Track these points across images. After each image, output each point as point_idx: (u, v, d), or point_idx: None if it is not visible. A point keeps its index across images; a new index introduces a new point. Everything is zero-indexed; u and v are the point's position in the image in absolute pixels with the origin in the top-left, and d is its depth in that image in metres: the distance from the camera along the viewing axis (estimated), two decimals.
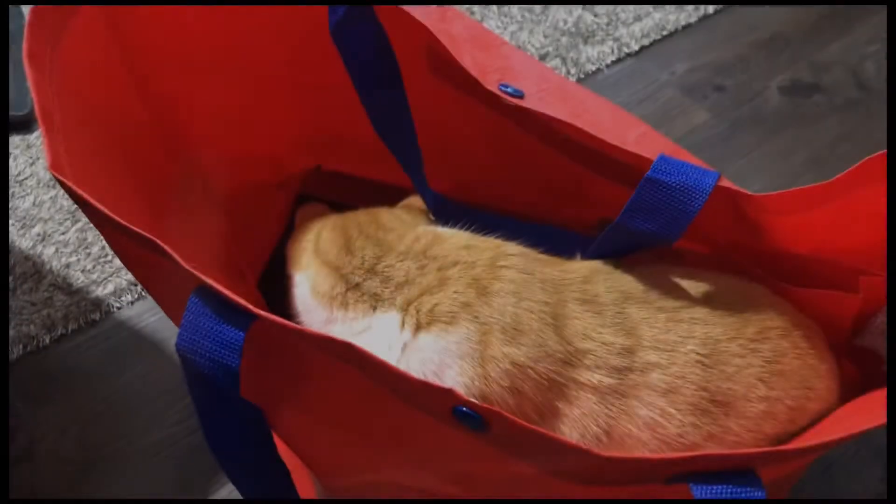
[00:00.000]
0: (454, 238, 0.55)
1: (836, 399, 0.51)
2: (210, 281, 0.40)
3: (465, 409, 0.37)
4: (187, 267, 0.40)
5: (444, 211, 0.66)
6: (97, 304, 0.84)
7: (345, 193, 0.83)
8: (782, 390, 0.48)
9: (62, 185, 0.42)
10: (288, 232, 0.68)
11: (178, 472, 0.72)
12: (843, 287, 0.53)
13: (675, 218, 0.49)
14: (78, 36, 0.50)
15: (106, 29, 0.54)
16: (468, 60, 0.54)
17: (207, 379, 0.40)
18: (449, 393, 0.37)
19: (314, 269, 0.57)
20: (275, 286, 0.63)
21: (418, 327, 0.50)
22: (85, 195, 0.41)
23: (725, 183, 0.49)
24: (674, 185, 0.48)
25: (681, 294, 0.51)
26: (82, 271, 0.86)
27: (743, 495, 0.35)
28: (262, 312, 0.39)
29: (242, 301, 0.39)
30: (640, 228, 0.50)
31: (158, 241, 0.40)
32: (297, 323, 0.58)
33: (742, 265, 0.56)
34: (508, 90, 0.54)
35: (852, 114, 1.07)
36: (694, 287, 0.52)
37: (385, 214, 0.61)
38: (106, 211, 0.41)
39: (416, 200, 0.67)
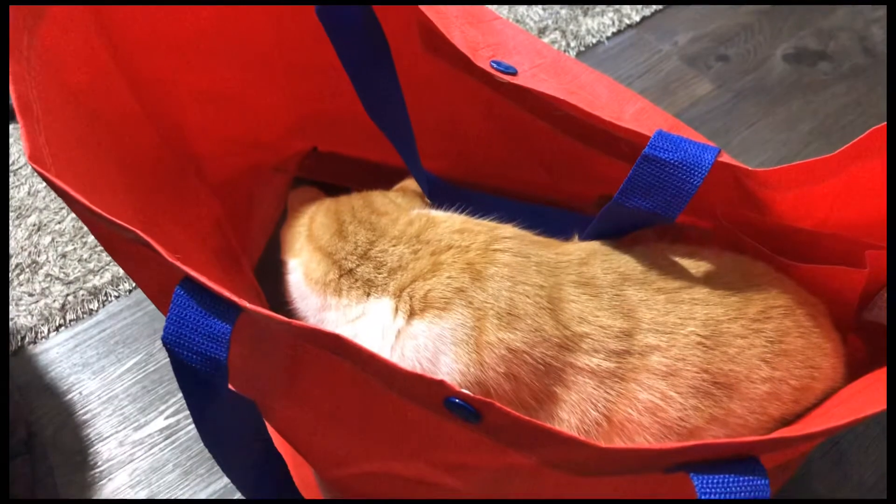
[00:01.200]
0: (448, 221, 0.53)
1: (842, 377, 0.50)
2: (194, 273, 0.39)
3: (457, 400, 0.36)
4: (171, 259, 0.38)
5: (440, 193, 0.65)
6: (94, 293, 0.83)
7: (342, 175, 0.82)
8: (786, 370, 0.47)
9: (42, 177, 0.41)
10: (284, 217, 0.67)
11: (180, 460, 0.72)
12: (849, 262, 0.52)
13: (673, 196, 0.47)
14: (57, 22, 0.49)
15: (87, 13, 0.52)
16: (458, 36, 0.53)
17: (195, 372, 0.40)
18: (440, 385, 0.36)
19: (307, 255, 0.56)
20: (272, 272, 0.62)
21: (412, 314, 0.49)
22: (65, 187, 0.40)
23: (725, 158, 0.48)
24: (672, 162, 0.47)
25: (681, 274, 0.50)
26: (79, 260, 0.85)
27: (745, 485, 0.33)
28: (249, 305, 0.38)
29: (228, 293, 0.38)
30: (638, 207, 0.49)
31: (140, 233, 0.39)
32: (293, 310, 0.57)
33: (744, 242, 0.55)
34: (501, 67, 0.52)
35: (859, 81, 1.05)
36: (694, 266, 0.51)
37: (379, 198, 0.60)
38: (87, 202, 0.40)
39: (411, 183, 0.66)
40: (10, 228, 0.88)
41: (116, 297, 0.83)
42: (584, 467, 0.38)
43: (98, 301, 0.83)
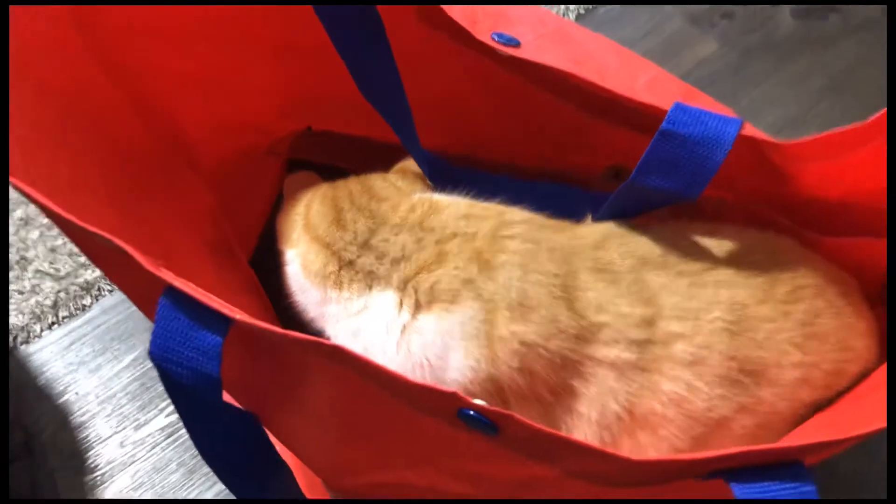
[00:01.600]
0: (452, 207, 0.50)
1: (876, 357, 0.47)
2: (179, 283, 0.36)
3: (472, 412, 0.33)
4: (151, 269, 0.35)
5: (442, 174, 0.61)
6: (87, 288, 0.80)
7: (338, 155, 0.79)
8: (818, 354, 0.44)
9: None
10: (280, 202, 0.64)
11: (183, 459, 0.70)
12: (877, 233, 0.49)
13: (695, 174, 0.44)
14: (27, 13, 0.45)
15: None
16: (456, 8, 0.49)
17: (186, 388, 0.37)
18: (453, 396, 0.33)
19: (304, 246, 0.53)
20: (269, 261, 0.59)
21: (418, 307, 0.46)
22: (31, 190, 0.37)
23: (748, 130, 0.44)
24: (692, 137, 0.43)
25: (702, 255, 0.47)
26: (69, 255, 0.82)
27: (790, 492, 0.31)
28: (239, 315, 0.35)
29: (217, 303, 0.36)
30: (656, 187, 0.45)
31: (116, 240, 0.36)
32: (293, 304, 0.55)
33: (766, 215, 0.52)
34: (502, 39, 0.49)
35: (871, 34, 1.00)
36: (717, 246, 0.48)
37: (378, 182, 0.57)
38: (53, 206, 0.36)
39: (411, 164, 0.63)
40: None
41: (110, 292, 0.80)
42: (611, 478, 0.36)
43: (91, 296, 0.80)
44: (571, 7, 1.03)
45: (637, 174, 0.46)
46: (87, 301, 0.80)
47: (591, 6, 1.04)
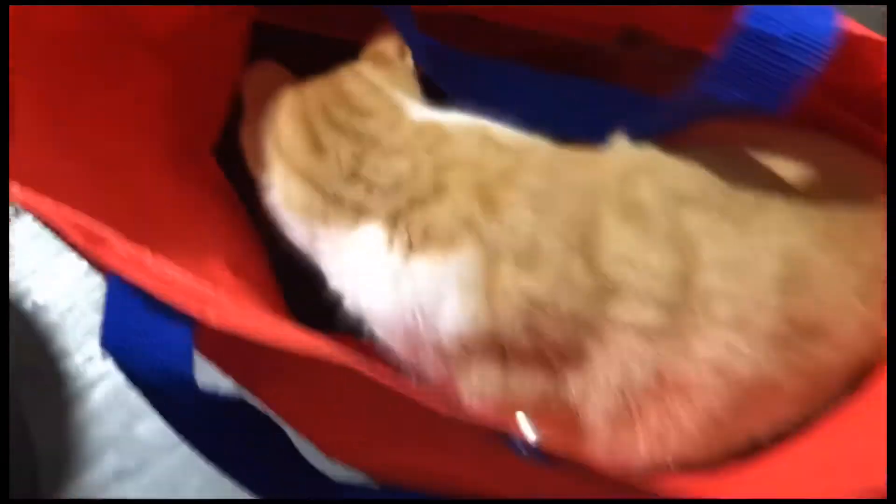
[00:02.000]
0: (466, 138, 0.42)
1: None
2: (127, 270, 0.28)
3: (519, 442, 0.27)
4: (92, 247, 0.28)
5: (435, 61, 0.51)
6: None
7: (319, 15, 0.67)
8: (882, 303, 0.38)
9: None
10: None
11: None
12: None
13: (782, 83, 0.34)
14: None
15: None
16: None
17: (154, 386, 0.31)
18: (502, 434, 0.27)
19: (281, 178, 0.45)
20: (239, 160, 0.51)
21: (410, 249, 0.39)
22: None
23: (846, 24, 0.35)
24: (782, 37, 0.34)
25: (755, 185, 0.39)
26: None
27: None
28: (209, 315, 0.28)
29: (180, 292, 0.28)
30: (728, 99, 0.36)
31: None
32: (279, 230, 0.47)
33: (835, 113, 0.43)
34: None
35: None
36: (773, 170, 0.40)
37: (353, 85, 0.46)
38: None
39: (386, 46, 0.51)
40: None
41: None
42: None
43: None
44: None
45: (706, 82, 0.37)
46: None
47: None
